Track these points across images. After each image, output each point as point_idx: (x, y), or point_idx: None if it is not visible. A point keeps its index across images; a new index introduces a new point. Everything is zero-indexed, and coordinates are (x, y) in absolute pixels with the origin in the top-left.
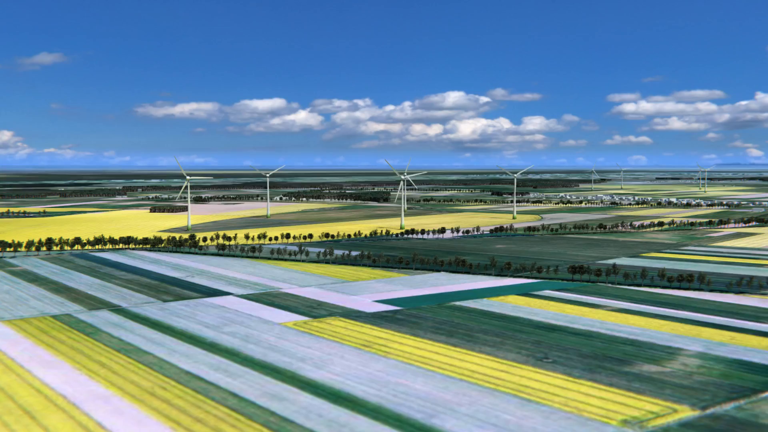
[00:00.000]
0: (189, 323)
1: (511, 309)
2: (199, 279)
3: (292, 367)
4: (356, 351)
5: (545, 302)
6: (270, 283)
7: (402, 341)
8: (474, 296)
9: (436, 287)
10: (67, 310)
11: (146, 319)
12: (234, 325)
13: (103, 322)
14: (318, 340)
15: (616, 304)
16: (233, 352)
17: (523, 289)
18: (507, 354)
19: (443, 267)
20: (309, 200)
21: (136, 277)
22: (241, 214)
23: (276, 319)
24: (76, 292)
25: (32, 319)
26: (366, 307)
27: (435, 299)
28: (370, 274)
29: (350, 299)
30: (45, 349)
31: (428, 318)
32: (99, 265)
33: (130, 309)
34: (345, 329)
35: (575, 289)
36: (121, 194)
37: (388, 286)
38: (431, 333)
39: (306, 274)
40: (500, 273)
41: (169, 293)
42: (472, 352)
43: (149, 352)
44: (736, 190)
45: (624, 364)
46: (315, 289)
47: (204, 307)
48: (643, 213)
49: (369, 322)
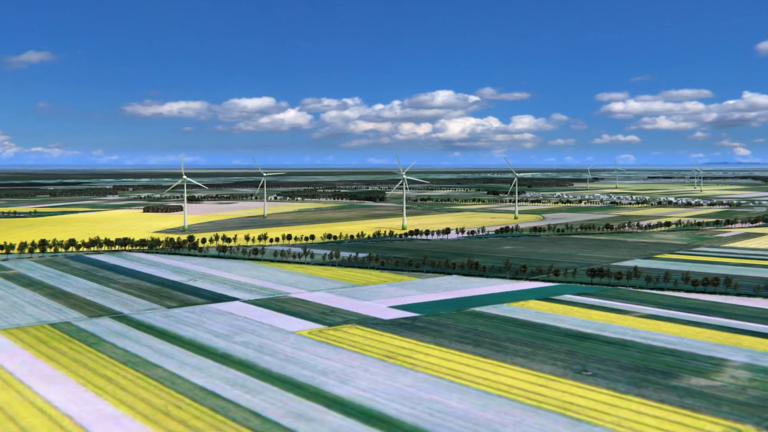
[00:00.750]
0: (197, 332)
1: (535, 315)
2: (201, 283)
3: (314, 381)
4: (380, 363)
5: (569, 308)
6: (276, 287)
7: (427, 352)
8: (493, 301)
9: (451, 292)
10: (66, 317)
11: (151, 327)
12: (245, 334)
13: (106, 330)
14: (337, 351)
15: (644, 309)
16: (248, 365)
17: (542, 293)
18: (542, 366)
19: (455, 270)
20: (304, 200)
21: (136, 281)
22: (237, 214)
23: (289, 327)
24: (74, 297)
25: (29, 327)
26: (382, 314)
27: (453, 305)
28: (379, 278)
29: (364, 305)
30: (45, 361)
31: (450, 326)
32: (96, 268)
33: (132, 316)
34: (364, 338)
35: (596, 293)
36: (112, 194)
37: (401, 290)
38: (456, 342)
39: (313, 278)
40: (515, 276)
41: (173, 298)
42: (503, 363)
43: (158, 364)
44: (731, 189)
45: (669, 377)
46: (325, 293)
47: (211, 314)
48: (645, 212)
49: (388, 330)
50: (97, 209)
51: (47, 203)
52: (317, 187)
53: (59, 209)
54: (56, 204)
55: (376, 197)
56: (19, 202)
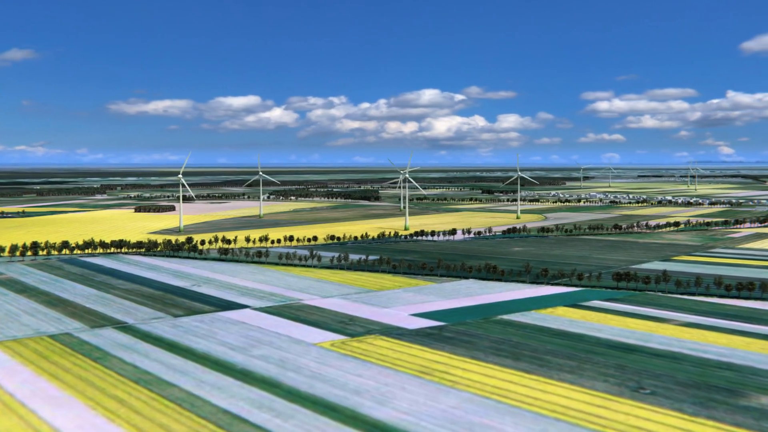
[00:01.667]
0: (210, 344)
1: (568, 324)
2: (206, 288)
3: (348, 402)
4: (416, 380)
5: (601, 315)
6: (286, 293)
7: (464, 366)
8: (519, 308)
9: (472, 297)
10: (66, 328)
11: (159, 339)
12: (263, 347)
13: (111, 343)
14: (366, 366)
15: (682, 317)
16: (272, 383)
17: (568, 299)
18: (593, 383)
19: (471, 274)
20: (298, 199)
21: (137, 286)
22: (232, 214)
23: (308, 338)
24: (72, 305)
25: (27, 339)
26: (404, 323)
27: (477, 312)
28: (393, 282)
29: (383, 312)
30: (48, 380)
31: (481, 336)
32: (93, 273)
33: (138, 326)
34: (392, 351)
35: (625, 299)
36: (101, 193)
37: (418, 296)
38: (493, 356)
39: (323, 282)
40: (535, 280)
41: (178, 306)
42: (550, 380)
43: (173, 383)
44: (725, 187)
45: (737, 396)
46: (339, 300)
47: (222, 324)
48: (647, 212)
49: (415, 341)
50: (86, 209)
51: (35, 203)
52: (308, 186)
53: (48, 209)
54: (44, 204)
55: (370, 196)
56: (6, 202)
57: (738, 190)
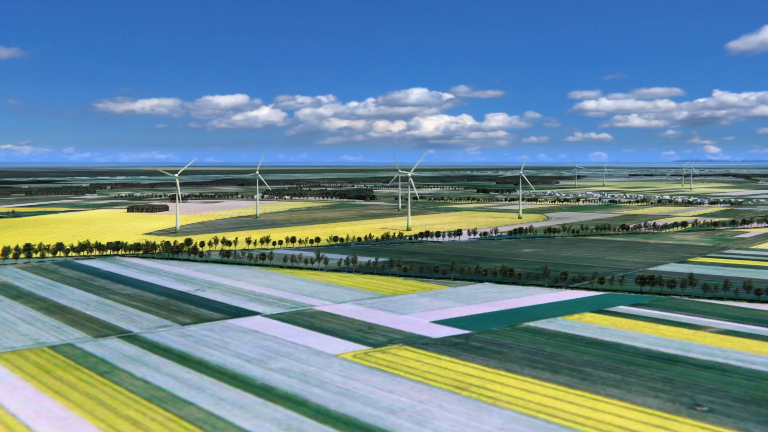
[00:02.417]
0: (224, 356)
1: (600, 332)
2: (211, 293)
3: (384, 424)
4: (453, 397)
5: (632, 322)
6: (296, 298)
7: (500, 380)
8: (543, 314)
9: (491, 303)
10: (68, 338)
11: (169, 350)
12: (281, 359)
13: (117, 355)
14: (396, 380)
15: (717, 323)
16: (297, 401)
17: (593, 304)
18: (644, 399)
19: (487, 277)
20: (293, 198)
21: (138, 291)
22: (227, 214)
23: (328, 348)
24: (71, 312)
25: (27, 351)
26: (426, 331)
27: (501, 319)
28: (406, 286)
29: (402, 320)
30: (53, 398)
31: (511, 346)
32: (90, 276)
33: (144, 336)
34: (419, 363)
35: (652, 304)
36: (90, 192)
37: (435, 301)
38: (529, 368)
39: (333, 287)
40: (554, 284)
41: (184, 312)
42: (596, 396)
43: (190, 401)
44: (719, 186)
45: None
46: (353, 306)
47: (233, 333)
48: (649, 211)
49: (443, 352)
50: (77, 209)
51: (24, 203)
52: (301, 185)
53: (38, 209)
54: (34, 204)
55: (366, 196)
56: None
57: (733, 189)
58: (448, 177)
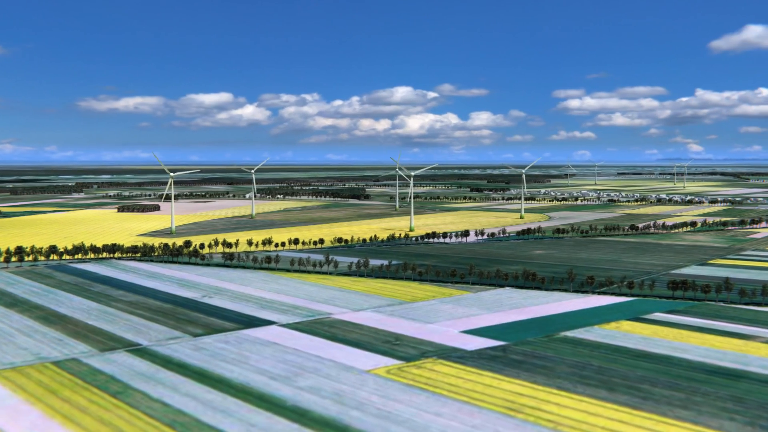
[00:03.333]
0: (245, 372)
1: (643, 342)
2: (219, 300)
3: None
4: (509, 421)
5: (675, 331)
6: (310, 305)
7: (555, 400)
8: (577, 322)
9: (519, 310)
10: (71, 351)
11: (184, 366)
12: (308, 375)
13: (128, 372)
14: (441, 401)
15: (766, 332)
16: (338, 427)
17: (627, 311)
18: (720, 422)
19: (507, 281)
20: (285, 198)
21: (141, 298)
22: (221, 214)
23: (357, 363)
24: (72, 322)
25: (28, 368)
26: (458, 342)
27: (534, 328)
28: (424, 292)
29: (429, 329)
30: (63, 424)
31: (554, 359)
32: (88, 282)
33: (154, 349)
34: (461, 380)
35: (688, 310)
36: (77, 191)
37: (459, 308)
38: (582, 385)
39: (346, 292)
40: (579, 289)
41: (193, 322)
42: (665, 418)
43: (218, 428)
44: (711, 185)
45: None
46: (373, 314)
47: (250, 345)
48: (650, 211)
49: (483, 366)
50: (65, 209)
51: (10, 202)
52: (291, 184)
53: (25, 209)
54: (20, 203)
55: (360, 195)
56: None
57: (726, 188)
58: (436, 176)
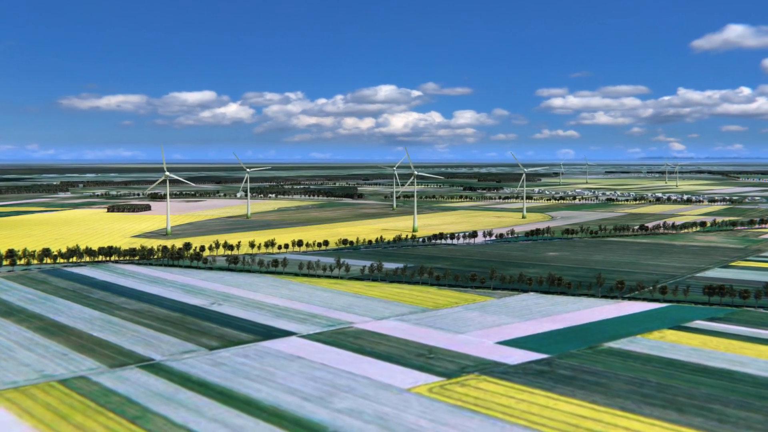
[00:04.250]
0: (274, 392)
1: (695, 355)
2: (229, 308)
3: None
4: None
5: (725, 341)
6: (328, 313)
7: (623, 424)
8: (618, 331)
9: (551, 318)
10: (78, 368)
11: (205, 385)
12: (344, 395)
13: (145, 392)
14: (498, 425)
15: None
16: None
17: (666, 319)
18: None
19: (531, 286)
20: (277, 197)
21: (146, 306)
22: (215, 214)
23: (394, 380)
24: (75, 333)
25: (33, 388)
26: (497, 355)
27: (574, 338)
28: (445, 298)
29: (461, 340)
30: None
31: (607, 375)
32: (86, 288)
33: (169, 364)
34: (513, 400)
35: (729, 318)
36: (63, 191)
37: (487, 316)
38: (647, 406)
39: (364, 299)
40: (607, 294)
41: (206, 333)
42: None
43: None
44: (703, 184)
45: None
46: (397, 322)
47: (273, 359)
48: (652, 210)
49: (532, 384)
50: (53, 208)
51: None
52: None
53: (11, 209)
54: (5, 203)
55: (353, 194)
56: None
57: (719, 187)
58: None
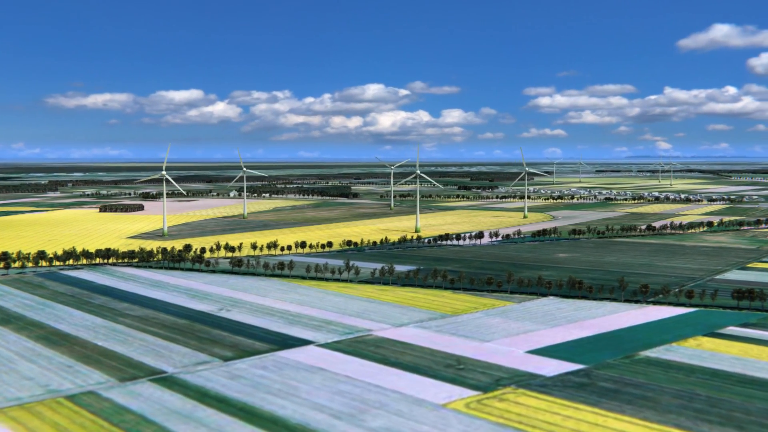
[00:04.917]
0: (300, 408)
1: (739, 364)
2: (238, 314)
3: None
4: None
5: (765, 349)
6: (343, 319)
7: None
8: (651, 339)
9: (578, 324)
10: (86, 382)
11: (224, 401)
12: (375, 412)
13: (160, 409)
14: None
15: None
16: None
17: (699, 325)
18: None
19: (551, 290)
20: (271, 196)
21: (151, 312)
22: (210, 214)
23: (426, 394)
24: (79, 343)
25: (38, 405)
26: (531, 366)
27: (606, 347)
28: (463, 303)
29: (489, 349)
30: None
31: (652, 387)
32: (86, 292)
33: (183, 378)
34: (558, 416)
35: (764, 324)
36: (52, 190)
37: (511, 323)
38: (705, 423)
39: (379, 304)
40: (631, 299)
41: (218, 342)
42: None
43: None
44: (697, 183)
45: None
46: (417, 330)
47: (294, 371)
48: (653, 209)
49: (574, 398)
50: (44, 208)
51: None
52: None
53: (0, 209)
54: None
55: (348, 193)
56: None
57: (713, 186)
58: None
